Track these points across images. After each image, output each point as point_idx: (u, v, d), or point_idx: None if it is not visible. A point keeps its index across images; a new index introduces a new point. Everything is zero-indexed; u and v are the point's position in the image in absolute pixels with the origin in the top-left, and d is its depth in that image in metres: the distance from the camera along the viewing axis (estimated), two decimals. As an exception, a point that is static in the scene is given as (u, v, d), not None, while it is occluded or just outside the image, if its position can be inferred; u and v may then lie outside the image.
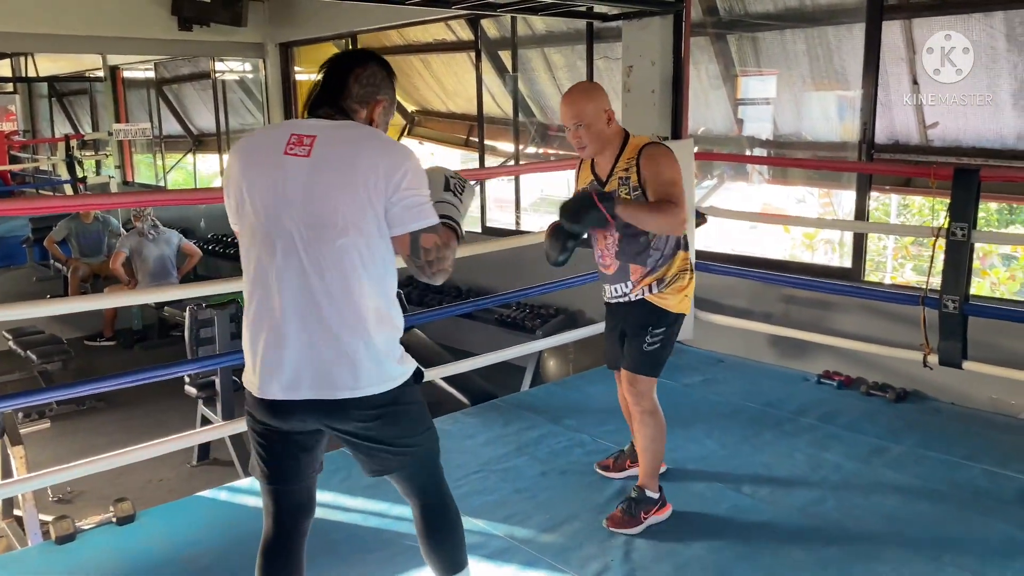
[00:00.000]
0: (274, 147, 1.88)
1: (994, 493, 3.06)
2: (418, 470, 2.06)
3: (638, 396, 2.85)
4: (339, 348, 1.87)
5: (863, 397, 4.03)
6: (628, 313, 2.87)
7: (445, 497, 2.11)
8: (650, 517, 2.84)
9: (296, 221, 1.84)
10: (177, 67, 11.24)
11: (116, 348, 7.59)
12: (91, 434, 5.38)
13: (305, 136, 1.86)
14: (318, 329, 1.86)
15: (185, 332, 4.55)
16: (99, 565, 2.74)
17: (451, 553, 2.11)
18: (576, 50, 6.27)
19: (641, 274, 2.78)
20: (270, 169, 1.87)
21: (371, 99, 1.94)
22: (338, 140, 1.86)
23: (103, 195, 8.72)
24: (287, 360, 1.88)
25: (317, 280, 1.84)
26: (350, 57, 1.99)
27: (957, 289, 3.62)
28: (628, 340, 2.88)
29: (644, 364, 2.82)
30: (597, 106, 2.69)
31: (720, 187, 6.10)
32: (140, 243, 7.40)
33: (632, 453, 3.21)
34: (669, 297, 2.81)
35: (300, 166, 1.84)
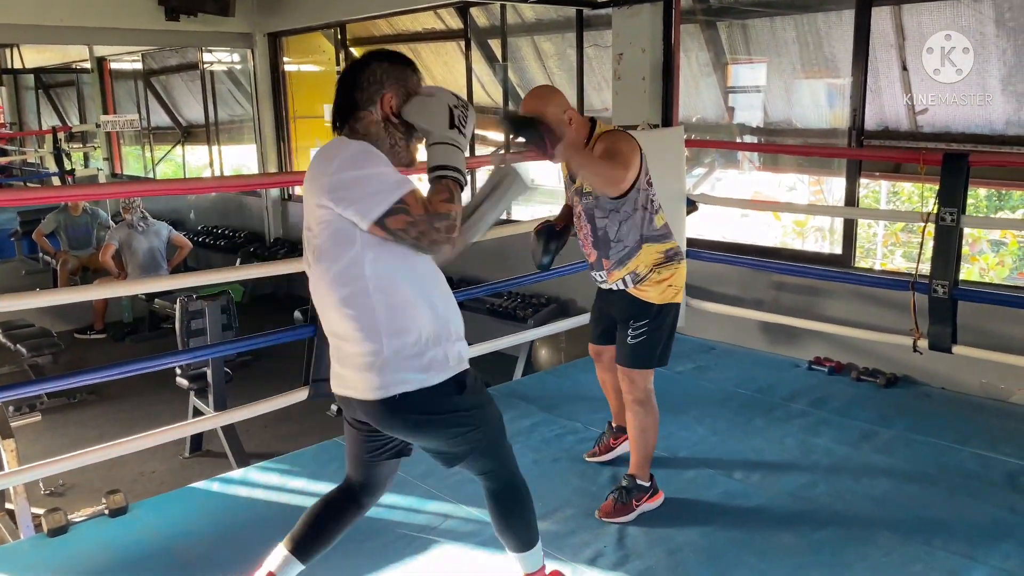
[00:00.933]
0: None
1: (983, 476, 3.08)
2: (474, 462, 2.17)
3: (629, 385, 2.87)
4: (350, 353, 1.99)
5: (853, 383, 4.05)
6: (615, 302, 2.92)
7: (513, 479, 2.21)
8: (642, 505, 2.86)
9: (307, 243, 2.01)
10: (165, 58, 11.16)
11: (106, 341, 7.56)
12: (82, 427, 5.36)
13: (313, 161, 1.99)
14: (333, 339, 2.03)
15: (176, 324, 4.53)
16: (91, 557, 2.73)
17: (522, 531, 2.23)
18: (566, 38, 6.25)
19: (609, 266, 2.82)
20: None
21: (377, 97, 1.98)
22: (316, 161, 1.96)
23: (91, 185, 8.65)
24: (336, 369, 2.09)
25: (321, 288, 1.98)
26: (350, 68, 2.04)
27: (946, 274, 3.64)
28: (617, 331, 2.92)
29: (630, 356, 2.85)
30: (556, 109, 2.69)
31: (711, 175, 6.10)
32: (130, 235, 7.36)
33: (612, 432, 3.27)
34: (649, 290, 2.82)
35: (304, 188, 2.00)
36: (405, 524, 2.86)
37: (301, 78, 9.25)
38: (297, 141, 9.18)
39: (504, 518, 2.22)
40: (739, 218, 6.36)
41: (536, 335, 4.82)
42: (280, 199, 9.28)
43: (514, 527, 2.23)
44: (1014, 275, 6.09)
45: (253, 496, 3.16)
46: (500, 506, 2.21)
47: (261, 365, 6.18)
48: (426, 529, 2.83)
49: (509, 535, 2.24)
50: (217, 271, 4.03)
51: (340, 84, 2.01)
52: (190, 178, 11.32)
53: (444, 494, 3.03)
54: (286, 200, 9.26)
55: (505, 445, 2.21)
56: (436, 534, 2.79)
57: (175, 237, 7.73)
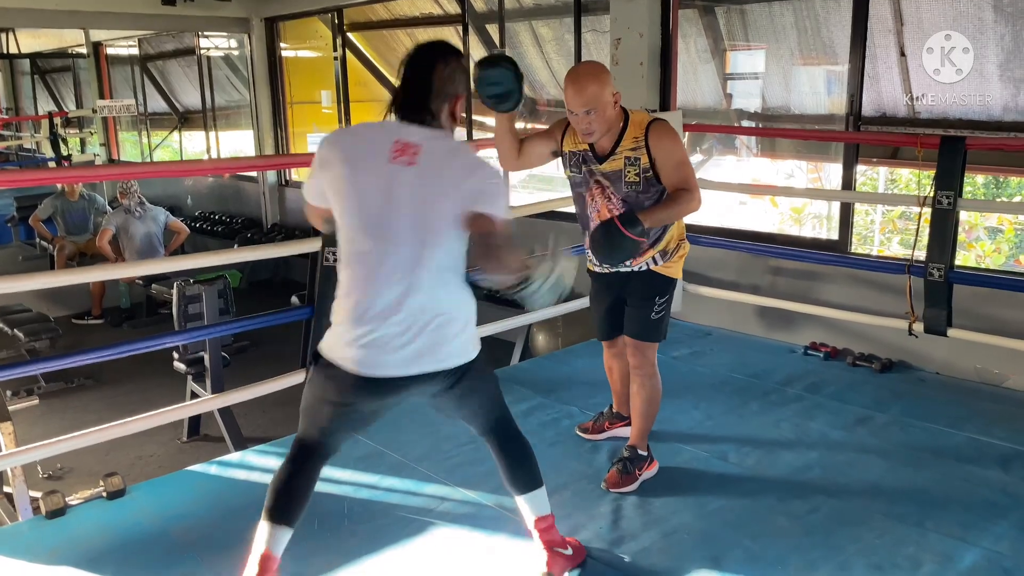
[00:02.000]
0: (379, 152, 2.03)
1: (977, 460, 3.10)
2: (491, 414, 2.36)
3: (643, 361, 2.92)
4: (439, 332, 2.08)
5: (849, 368, 4.07)
6: (631, 283, 2.92)
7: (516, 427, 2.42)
8: (643, 473, 2.94)
9: (403, 221, 2.02)
10: (161, 43, 11.10)
11: (104, 326, 7.56)
12: (80, 411, 5.37)
13: (409, 145, 2.02)
14: (421, 315, 2.05)
15: (173, 308, 4.54)
16: (90, 539, 2.74)
17: (532, 470, 2.39)
18: (564, 23, 6.23)
19: (645, 246, 2.80)
20: (377, 173, 2.03)
21: (452, 95, 2.08)
22: (438, 152, 2.03)
23: (88, 167, 8.62)
24: (392, 343, 2.06)
25: (418, 272, 2.03)
26: (432, 51, 2.09)
27: (942, 257, 3.65)
28: (633, 309, 2.93)
29: (653, 331, 2.92)
30: (607, 90, 2.64)
31: (708, 161, 6.09)
32: (127, 220, 7.36)
33: (611, 416, 3.32)
34: (673, 265, 2.92)
35: (407, 173, 2.01)
36: (402, 507, 2.87)
37: (298, 64, 9.22)
38: (294, 127, 9.16)
39: (516, 463, 2.37)
40: (737, 205, 6.37)
41: (533, 319, 4.83)
42: (277, 184, 9.26)
43: (525, 463, 2.38)
44: (1011, 262, 6.11)
45: (251, 479, 3.17)
46: (510, 454, 2.37)
47: (258, 351, 6.18)
48: (423, 512, 2.84)
49: (520, 476, 2.38)
50: (215, 253, 4.01)
51: (420, 65, 2.06)
52: (187, 160, 11.30)
53: (440, 477, 3.05)
54: (283, 186, 9.24)
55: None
56: (432, 516, 2.81)
57: (172, 223, 7.72)
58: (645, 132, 2.71)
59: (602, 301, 3.05)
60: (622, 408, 3.29)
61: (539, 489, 2.40)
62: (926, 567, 2.45)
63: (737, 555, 2.54)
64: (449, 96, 2.07)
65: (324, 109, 8.76)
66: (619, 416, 3.31)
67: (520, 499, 2.41)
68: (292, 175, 9.25)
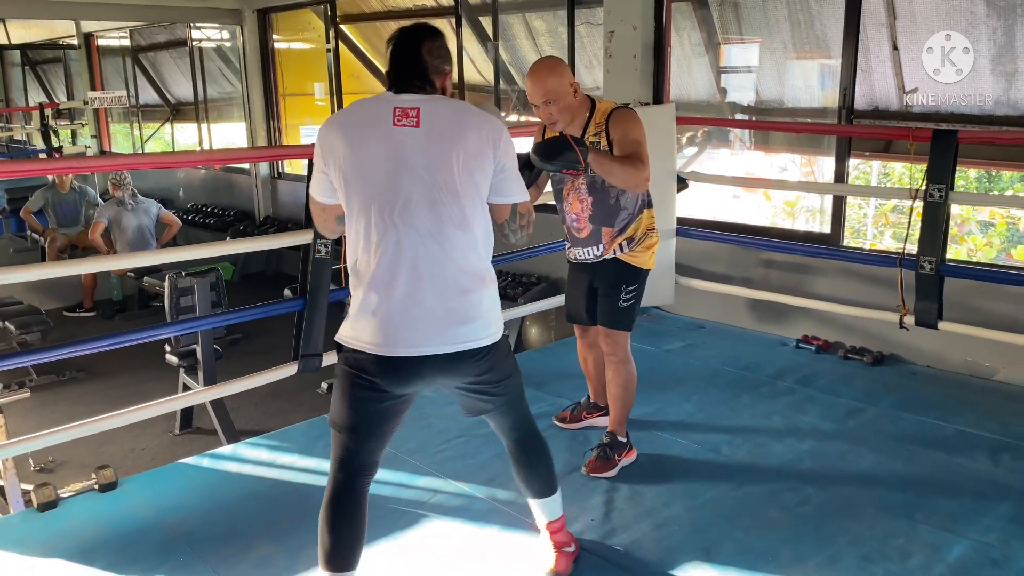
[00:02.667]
0: (380, 120, 2.01)
1: (966, 452, 3.12)
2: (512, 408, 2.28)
3: (613, 347, 2.99)
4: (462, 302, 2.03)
5: (840, 361, 4.09)
6: (600, 271, 3.00)
7: (536, 428, 2.35)
8: (622, 459, 3.01)
9: (417, 184, 1.98)
10: (153, 34, 11.04)
11: (96, 319, 7.53)
12: (72, 404, 5.36)
13: (409, 109, 2.00)
14: (443, 285, 2.01)
15: (165, 301, 4.53)
16: (82, 531, 2.74)
17: (547, 476, 2.35)
18: (558, 15, 6.22)
19: (611, 235, 2.92)
20: (382, 140, 2.00)
21: (442, 70, 2.09)
22: (441, 112, 2.02)
23: (79, 159, 8.56)
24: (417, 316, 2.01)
25: (437, 238, 1.99)
26: (419, 31, 2.10)
27: (934, 250, 3.66)
28: (602, 298, 3.00)
29: (620, 319, 2.97)
30: (563, 81, 2.76)
31: (702, 154, 6.10)
32: (119, 213, 7.33)
33: (588, 405, 3.39)
34: (640, 255, 2.97)
35: (413, 135, 1.99)
36: (394, 499, 2.88)
37: (291, 55, 9.18)
38: (287, 119, 9.12)
39: (530, 464, 2.33)
40: (731, 199, 6.37)
41: (526, 312, 4.83)
42: (270, 177, 9.23)
43: (539, 469, 2.34)
44: (1002, 256, 6.13)
45: (243, 471, 3.18)
46: (527, 454, 2.32)
47: (251, 343, 6.18)
48: (415, 504, 2.85)
49: (536, 479, 2.35)
50: (207, 245, 4.01)
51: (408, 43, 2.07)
52: (179, 151, 11.24)
53: (432, 470, 3.06)
54: (276, 178, 9.22)
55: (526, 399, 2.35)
56: (425, 509, 2.81)
57: (164, 215, 7.69)
58: (607, 118, 2.82)
59: (575, 289, 3.13)
60: (599, 398, 3.36)
61: (551, 495, 2.38)
62: (915, 558, 2.46)
63: (728, 547, 2.55)
64: (439, 72, 2.08)
65: (317, 101, 8.73)
66: (596, 406, 3.38)
67: (532, 502, 2.40)
68: (285, 167, 9.22)
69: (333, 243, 3.47)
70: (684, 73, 5.54)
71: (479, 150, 2.00)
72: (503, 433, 2.32)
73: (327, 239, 3.45)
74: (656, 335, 4.51)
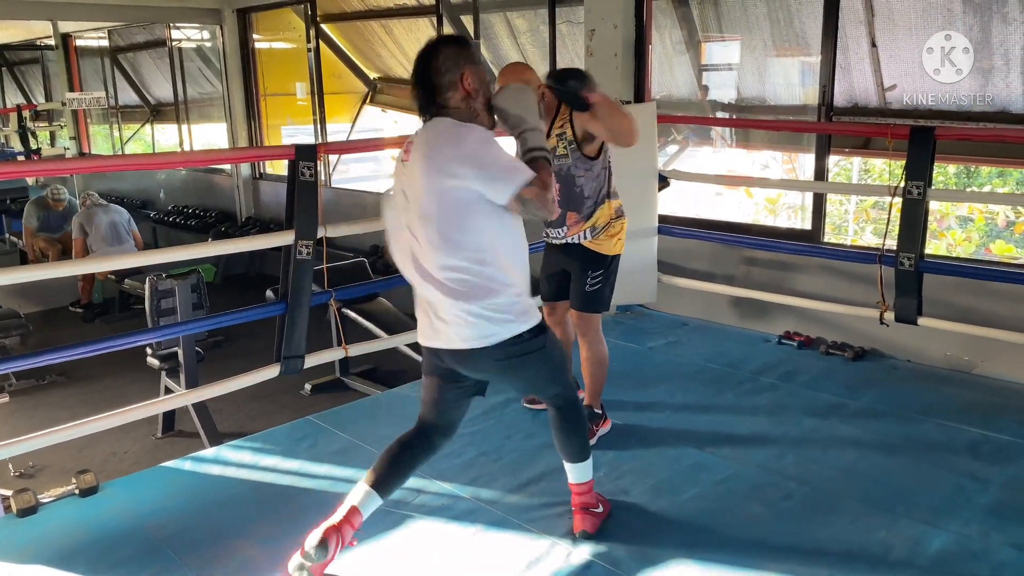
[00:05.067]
0: (400, 156, 2.31)
1: (946, 446, 3.15)
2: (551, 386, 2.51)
3: (585, 328, 3.20)
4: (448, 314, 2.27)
5: (822, 356, 4.12)
6: (570, 256, 3.19)
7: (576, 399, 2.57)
8: (599, 430, 3.25)
9: (411, 213, 2.25)
10: (132, 34, 10.94)
11: (77, 322, 7.48)
12: (52, 408, 5.31)
13: (409, 143, 2.28)
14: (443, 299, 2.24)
15: (146, 303, 4.49)
16: (62, 536, 2.72)
17: (582, 442, 2.59)
18: (539, 14, 6.22)
19: (575, 219, 3.10)
20: (397, 177, 2.32)
21: (456, 77, 2.22)
22: (421, 142, 2.24)
23: (59, 160, 8.49)
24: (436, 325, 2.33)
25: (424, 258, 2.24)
26: (424, 55, 2.25)
27: (913, 247, 3.69)
28: (573, 282, 3.22)
29: (588, 302, 3.18)
30: (534, 78, 3.01)
31: (684, 152, 6.12)
32: (88, 214, 7.36)
33: None
34: (604, 243, 3.15)
35: (406, 169, 2.26)
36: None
37: (271, 55, 9.13)
38: (268, 119, 9.07)
39: (567, 432, 2.54)
40: (713, 196, 6.40)
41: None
42: (251, 177, 9.18)
43: (574, 438, 2.56)
44: (981, 251, 6.20)
45: (225, 474, 3.16)
46: (565, 422, 2.53)
47: (233, 346, 6.14)
48: (399, 504, 2.83)
49: (571, 446, 2.56)
50: (188, 247, 3.99)
51: (421, 71, 2.24)
52: (160, 153, 11.18)
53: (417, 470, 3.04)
54: (257, 179, 9.16)
55: (568, 370, 2.59)
56: (409, 509, 2.81)
57: (134, 231, 7.66)
58: (570, 111, 3.00)
59: (549, 267, 3.32)
60: None
61: (583, 462, 2.59)
62: (897, 551, 2.49)
63: (711, 542, 2.56)
64: (453, 81, 2.22)
65: (299, 101, 8.69)
66: None
67: (566, 465, 2.62)
68: (266, 168, 9.17)
69: (315, 244, 3.46)
70: (666, 71, 5.56)
71: (447, 171, 2.17)
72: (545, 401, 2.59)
73: (310, 240, 3.44)
74: (640, 332, 4.53)
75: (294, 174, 3.40)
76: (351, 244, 7.05)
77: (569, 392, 2.54)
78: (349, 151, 9.78)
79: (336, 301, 3.81)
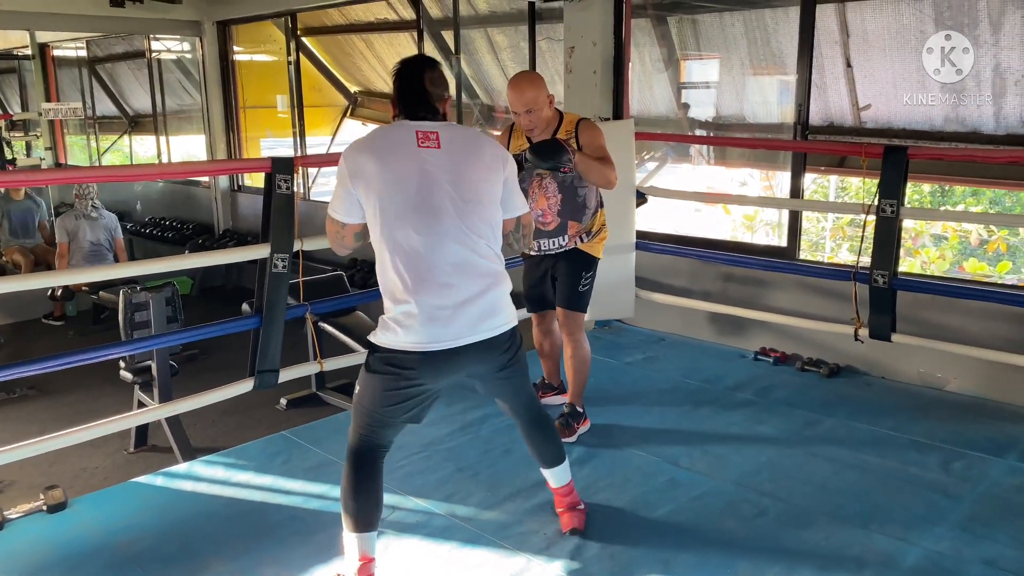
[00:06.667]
0: (406, 142, 2.27)
1: (919, 462, 3.17)
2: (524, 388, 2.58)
3: (573, 327, 3.36)
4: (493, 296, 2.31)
5: (798, 373, 4.14)
6: (561, 261, 3.36)
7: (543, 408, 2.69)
8: (580, 427, 3.40)
9: (444, 196, 2.25)
10: (110, 45, 10.87)
11: (49, 334, 7.37)
12: (22, 423, 5.21)
13: (429, 132, 2.29)
14: (477, 282, 2.27)
15: (119, 316, 4.43)
16: (28, 554, 2.67)
17: (558, 446, 2.69)
18: (519, 31, 6.25)
19: (577, 229, 3.32)
20: (411, 159, 2.26)
21: (442, 97, 2.36)
22: (457, 136, 2.33)
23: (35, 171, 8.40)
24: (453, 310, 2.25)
25: (469, 241, 2.26)
26: (419, 64, 2.38)
27: (887, 264, 3.73)
28: (562, 284, 3.38)
29: (579, 301, 3.37)
30: (544, 93, 3.16)
31: (662, 169, 6.16)
32: (77, 226, 7.20)
33: (543, 386, 3.76)
34: (596, 245, 3.39)
35: (437, 155, 2.28)
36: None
37: (251, 67, 9.10)
38: (247, 131, 9.03)
39: (549, 437, 2.65)
40: (692, 213, 6.44)
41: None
42: (230, 190, 9.13)
43: (550, 443, 2.66)
44: (955, 268, 6.28)
45: (198, 490, 3.12)
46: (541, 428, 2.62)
47: (208, 359, 6.08)
48: (374, 520, 2.81)
49: (547, 450, 2.66)
50: (165, 259, 3.96)
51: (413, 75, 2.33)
52: (137, 164, 11.08)
53: (392, 487, 3.01)
54: (236, 191, 9.11)
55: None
56: (384, 525, 2.76)
57: (118, 240, 7.56)
58: (576, 126, 3.25)
59: (531, 277, 3.51)
60: (552, 379, 3.76)
61: (564, 463, 2.69)
62: (870, 568, 2.50)
63: (686, 558, 2.56)
64: (440, 99, 2.35)
65: (279, 114, 8.66)
66: (550, 386, 3.76)
67: (546, 471, 2.70)
68: (245, 180, 9.11)
69: (291, 257, 3.44)
70: (645, 89, 5.60)
71: (492, 164, 2.34)
72: (516, 414, 2.60)
73: (285, 253, 3.42)
74: (617, 347, 4.54)
75: (271, 187, 3.38)
76: (329, 257, 7.02)
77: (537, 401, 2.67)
78: (327, 164, 9.74)
79: (312, 315, 3.78)
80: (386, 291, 2.28)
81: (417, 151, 2.26)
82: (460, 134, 2.37)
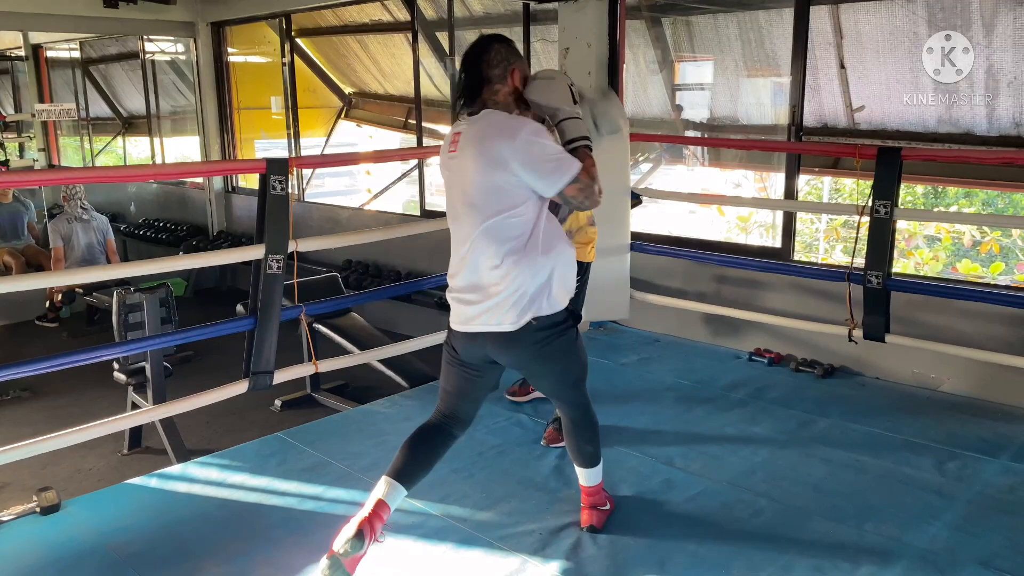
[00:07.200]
0: (446, 148, 2.41)
1: (913, 462, 3.18)
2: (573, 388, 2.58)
3: None
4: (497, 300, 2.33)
5: (792, 373, 4.15)
6: None
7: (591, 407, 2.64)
8: None
9: (461, 201, 2.36)
10: (104, 46, 10.84)
11: (42, 336, 7.34)
12: (15, 425, 5.19)
13: (456, 135, 2.37)
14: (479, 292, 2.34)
15: (113, 317, 4.42)
16: (21, 556, 2.66)
17: (593, 452, 2.67)
18: (514, 32, 6.25)
19: None
20: (444, 165, 2.42)
21: (507, 73, 2.36)
22: (472, 135, 2.33)
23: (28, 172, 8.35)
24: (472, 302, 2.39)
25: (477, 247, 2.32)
26: (476, 49, 2.38)
27: (880, 265, 3.74)
28: None
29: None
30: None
31: (657, 170, 6.17)
32: (70, 230, 7.18)
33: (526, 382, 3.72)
34: (578, 249, 3.20)
35: (455, 160, 2.36)
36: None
37: (246, 69, 9.09)
38: (241, 132, 9.02)
39: (578, 437, 2.63)
40: (687, 214, 6.46)
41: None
42: (224, 191, 9.11)
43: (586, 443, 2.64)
44: (948, 270, 6.30)
45: (192, 491, 3.11)
46: (574, 429, 2.62)
47: (202, 361, 6.06)
48: (369, 521, 2.81)
49: (581, 450, 2.65)
50: (159, 260, 3.95)
51: (472, 63, 2.36)
52: (131, 165, 11.07)
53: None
54: (230, 192, 9.10)
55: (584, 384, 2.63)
56: (379, 526, 2.77)
57: (110, 241, 7.54)
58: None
59: None
60: None
61: (596, 466, 2.69)
62: (864, 568, 2.50)
63: (682, 559, 2.56)
64: (502, 79, 2.35)
65: (274, 115, 8.65)
66: None
67: (579, 470, 2.71)
68: (239, 181, 9.10)
69: (286, 258, 3.44)
70: (639, 90, 5.61)
71: (497, 163, 2.27)
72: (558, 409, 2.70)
73: (280, 255, 3.41)
74: (612, 349, 4.54)
75: (265, 188, 3.37)
76: (324, 258, 7.01)
77: (585, 398, 2.62)
78: (321, 165, 9.77)
79: (307, 316, 3.78)
80: None
81: (448, 157, 2.39)
82: (476, 132, 2.33)
